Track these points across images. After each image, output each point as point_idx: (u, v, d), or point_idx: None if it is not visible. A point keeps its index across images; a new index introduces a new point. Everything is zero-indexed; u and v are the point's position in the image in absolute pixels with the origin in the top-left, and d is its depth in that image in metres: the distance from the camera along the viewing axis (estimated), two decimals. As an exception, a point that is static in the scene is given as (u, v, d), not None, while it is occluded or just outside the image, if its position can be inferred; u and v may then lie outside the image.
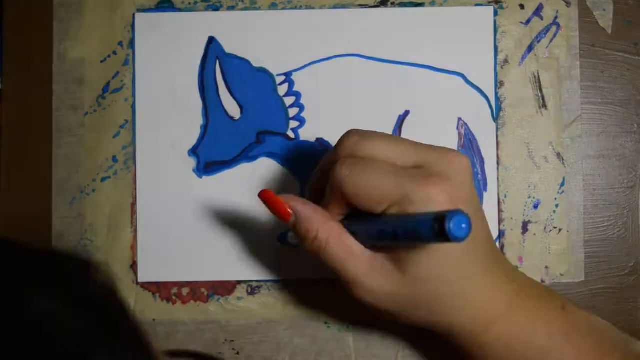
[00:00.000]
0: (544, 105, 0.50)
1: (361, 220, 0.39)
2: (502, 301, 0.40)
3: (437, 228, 0.32)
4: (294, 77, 0.51)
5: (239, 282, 0.50)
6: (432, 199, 0.36)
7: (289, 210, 0.40)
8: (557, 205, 0.50)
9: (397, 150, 0.38)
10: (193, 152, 0.51)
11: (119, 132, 0.51)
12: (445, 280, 0.38)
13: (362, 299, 0.40)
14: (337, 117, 0.51)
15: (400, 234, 0.35)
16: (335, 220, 0.40)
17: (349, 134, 0.40)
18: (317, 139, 0.51)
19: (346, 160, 0.38)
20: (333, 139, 0.50)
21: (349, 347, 0.50)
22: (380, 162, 0.38)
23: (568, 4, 0.50)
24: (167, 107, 0.51)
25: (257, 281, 0.50)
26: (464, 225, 0.31)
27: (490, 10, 0.51)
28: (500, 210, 0.50)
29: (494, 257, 0.40)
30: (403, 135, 0.50)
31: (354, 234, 0.39)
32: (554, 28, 0.50)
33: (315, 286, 0.50)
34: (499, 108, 0.50)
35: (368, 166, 0.37)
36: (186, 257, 0.50)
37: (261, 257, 0.50)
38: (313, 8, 0.51)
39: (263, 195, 0.41)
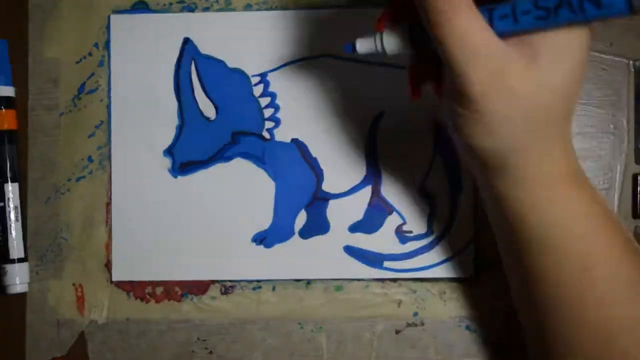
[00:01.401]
0: (519, 106, 0.50)
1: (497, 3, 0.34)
2: (573, 168, 0.38)
3: None
4: (269, 77, 0.51)
5: (213, 281, 0.50)
6: None
7: None
8: (531, 207, 0.49)
9: None
10: (168, 152, 0.51)
11: (94, 133, 0.51)
12: (566, 92, 0.35)
13: (479, 91, 0.34)
14: (312, 117, 0.51)
15: (575, 2, 0.31)
16: None
17: None
18: (293, 140, 0.51)
19: None
20: (308, 140, 0.50)
21: (321, 347, 0.50)
22: None
23: (543, 4, 0.50)
24: (142, 107, 0.51)
25: (230, 281, 0.50)
26: None
27: (464, 10, 0.50)
28: (476, 215, 0.50)
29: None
30: (378, 138, 0.50)
31: (491, 17, 0.34)
32: (528, 28, 0.50)
33: (288, 286, 0.50)
34: (473, 109, 0.50)
35: None
36: (160, 256, 0.51)
37: (235, 257, 0.50)
38: (288, 9, 0.51)
39: None
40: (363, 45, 0.40)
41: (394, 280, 0.50)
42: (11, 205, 0.50)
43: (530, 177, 0.37)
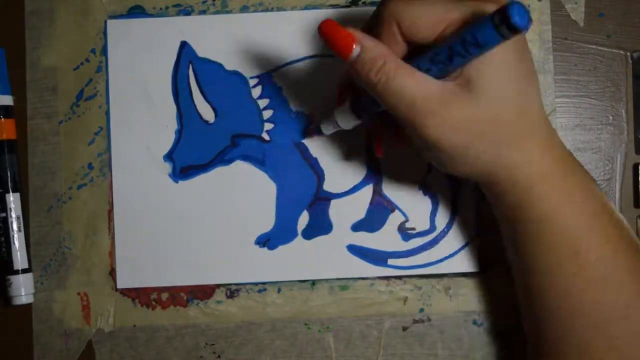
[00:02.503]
0: (518, 100, 0.50)
1: (417, 55, 0.38)
2: (558, 160, 0.40)
3: (498, 20, 0.32)
4: (268, 79, 0.51)
5: (218, 285, 0.50)
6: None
7: (353, 40, 0.37)
8: (533, 200, 0.50)
9: None
10: (168, 157, 0.51)
11: (94, 139, 0.51)
12: (510, 101, 0.37)
13: (432, 132, 0.37)
14: (312, 117, 0.51)
15: (460, 44, 0.34)
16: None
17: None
18: (292, 140, 0.51)
19: None
20: (308, 140, 0.50)
21: (329, 347, 0.50)
22: None
23: (539, -2, 0.50)
24: (141, 112, 0.51)
25: (235, 284, 0.50)
26: (524, 13, 0.31)
27: (461, 6, 0.50)
28: (479, 209, 0.50)
29: (544, 112, 0.40)
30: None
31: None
32: (525, 22, 0.50)
33: (294, 287, 0.50)
34: (473, 104, 0.50)
35: None
36: (164, 262, 0.50)
37: (239, 260, 0.50)
38: (284, 9, 0.51)
39: (324, 26, 0.37)
40: (327, 128, 0.47)
41: (399, 277, 0.50)
42: (13, 216, 0.49)
43: (514, 184, 0.39)
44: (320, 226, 0.51)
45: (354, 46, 0.37)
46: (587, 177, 0.41)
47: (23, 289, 0.49)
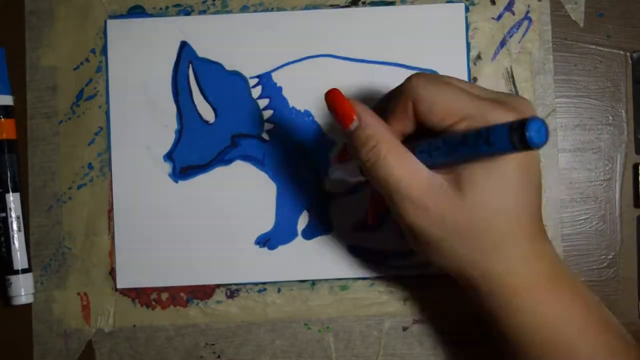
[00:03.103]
0: (518, 100, 0.50)
1: (423, 139, 0.38)
2: (545, 272, 0.38)
3: (515, 134, 0.31)
4: (267, 79, 0.51)
5: (218, 285, 0.50)
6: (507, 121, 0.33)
7: (353, 113, 0.38)
8: (533, 200, 0.50)
9: (474, 85, 0.38)
10: (168, 157, 0.51)
11: (93, 139, 0.51)
12: (499, 211, 0.36)
13: (411, 220, 0.37)
14: (311, 117, 0.51)
15: (471, 141, 0.34)
16: (398, 137, 0.39)
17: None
18: (292, 140, 0.51)
19: (423, 73, 0.38)
20: (307, 140, 0.50)
21: (329, 347, 0.50)
22: (456, 84, 0.38)
23: (539, -2, 0.51)
24: (141, 112, 0.51)
25: (236, 284, 0.50)
26: (543, 131, 0.30)
27: (461, 7, 0.50)
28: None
29: (540, 223, 0.39)
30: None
31: (413, 152, 0.38)
32: (525, 23, 0.50)
33: (294, 287, 0.50)
34: (473, 104, 0.50)
35: (445, 81, 0.38)
36: (164, 262, 0.50)
37: (239, 260, 0.50)
38: (284, 9, 0.51)
39: (331, 94, 0.39)
40: (333, 174, 0.47)
41: (399, 277, 0.50)
42: (13, 216, 0.49)
43: (491, 290, 0.38)
44: (320, 226, 0.51)
45: (354, 118, 0.38)
46: (580, 289, 0.39)
47: (23, 289, 0.49)
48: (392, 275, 0.50)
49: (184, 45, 0.51)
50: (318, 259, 0.50)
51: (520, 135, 0.30)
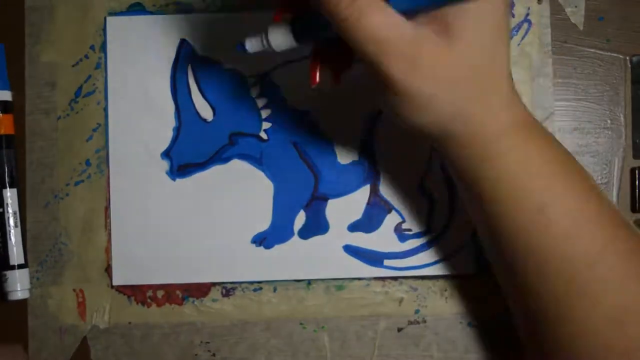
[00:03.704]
0: (517, 103, 0.50)
1: None
2: (521, 118, 0.39)
3: None
4: (266, 78, 0.51)
5: (214, 284, 0.50)
6: None
7: None
8: (530, 203, 0.50)
9: None
10: (166, 154, 0.51)
11: (91, 136, 0.51)
12: (488, 56, 0.36)
13: (397, 78, 0.35)
14: (310, 117, 0.51)
15: None
16: None
17: None
18: (290, 140, 0.51)
19: None
20: (305, 140, 0.50)
21: (324, 347, 0.50)
22: None
23: (539, 1, 0.50)
24: (139, 110, 0.51)
25: (231, 283, 0.50)
26: None
27: (461, 8, 0.50)
28: (474, 209, 0.50)
29: (511, 76, 0.39)
30: (376, 137, 0.50)
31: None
32: (525, 25, 0.50)
33: (289, 287, 0.50)
34: (471, 106, 0.50)
35: None
36: (160, 259, 0.50)
37: (235, 258, 0.50)
38: (284, 9, 0.51)
39: None
40: (252, 45, 0.40)
41: (395, 278, 0.50)
42: (10, 211, 0.49)
43: (473, 138, 0.38)
44: (316, 226, 0.51)
45: None
46: (553, 140, 0.40)
47: (19, 285, 0.49)
48: (388, 276, 0.50)
49: (183, 43, 0.51)
50: (314, 258, 0.50)
51: None
